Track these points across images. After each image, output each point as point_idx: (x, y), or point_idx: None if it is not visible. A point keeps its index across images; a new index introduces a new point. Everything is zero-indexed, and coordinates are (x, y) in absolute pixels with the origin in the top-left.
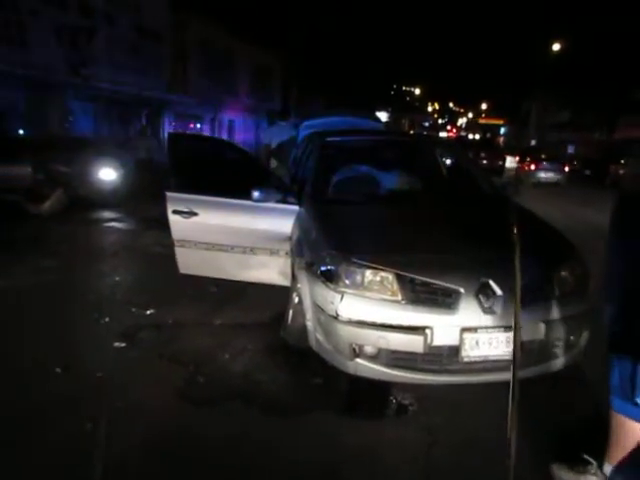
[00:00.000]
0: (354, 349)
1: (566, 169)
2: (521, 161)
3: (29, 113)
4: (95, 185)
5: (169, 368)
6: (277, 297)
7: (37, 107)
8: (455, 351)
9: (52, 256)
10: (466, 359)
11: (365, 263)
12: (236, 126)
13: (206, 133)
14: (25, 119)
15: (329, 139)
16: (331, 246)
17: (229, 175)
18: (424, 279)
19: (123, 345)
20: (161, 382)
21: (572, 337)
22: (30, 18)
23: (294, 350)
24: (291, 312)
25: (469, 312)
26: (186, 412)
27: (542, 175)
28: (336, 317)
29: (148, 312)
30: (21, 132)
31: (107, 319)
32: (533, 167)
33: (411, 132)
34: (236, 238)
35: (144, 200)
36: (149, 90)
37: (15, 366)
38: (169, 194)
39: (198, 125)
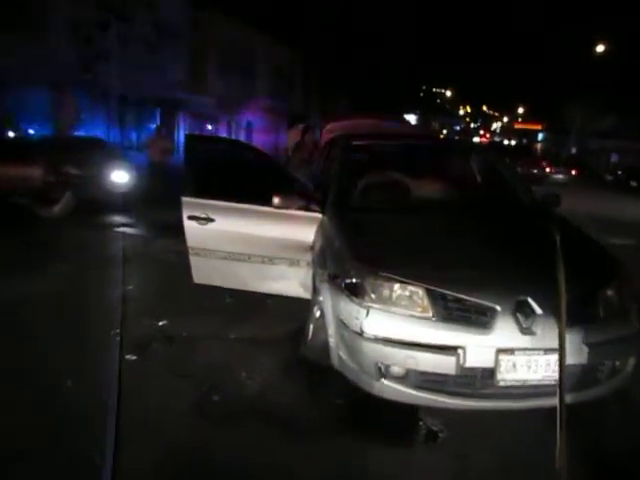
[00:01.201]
0: (380, 369)
1: (573, 172)
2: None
3: (39, 112)
4: (107, 188)
5: (182, 384)
6: (297, 311)
7: (47, 106)
8: (490, 374)
9: (62, 262)
10: (502, 383)
11: (393, 276)
12: (254, 128)
13: (223, 135)
14: (35, 119)
15: (355, 142)
16: (357, 257)
17: (249, 179)
18: (457, 295)
19: (134, 358)
20: (174, 398)
21: (617, 362)
22: (43, 13)
23: (315, 368)
24: (312, 327)
25: (506, 332)
26: (200, 431)
27: (555, 176)
28: (361, 334)
29: (160, 323)
30: (31, 132)
31: (118, 330)
32: (548, 170)
33: (441, 136)
34: (255, 247)
35: (158, 205)
36: (165, 89)
37: (25, 377)
38: (185, 199)
39: (212, 127)
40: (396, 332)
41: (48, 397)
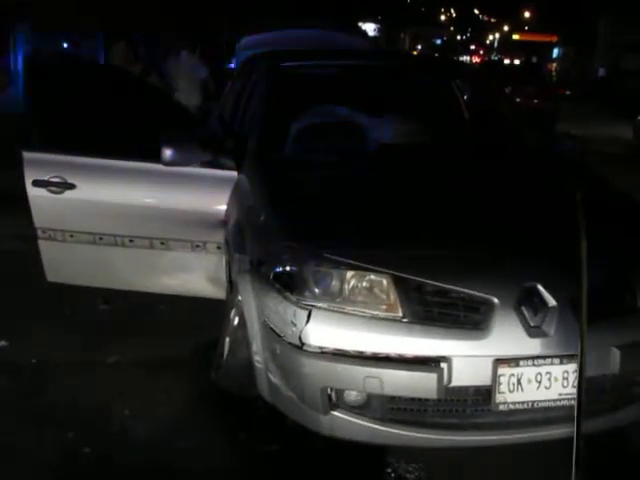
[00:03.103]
0: (329, 396)
1: None
2: None
3: None
4: None
5: (36, 432)
6: (204, 317)
7: None
8: (486, 395)
9: None
10: (502, 407)
11: (345, 260)
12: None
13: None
14: None
15: (285, 64)
16: (290, 234)
17: (125, 123)
18: (437, 284)
19: None
20: (24, 454)
21: None
22: None
23: (233, 401)
24: (228, 341)
25: (506, 334)
26: None
27: None
28: (300, 346)
29: None
30: None
31: None
32: None
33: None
34: (138, 224)
35: None
36: None
37: None
38: (27, 155)
39: (69, 45)
40: (351, 342)
41: None
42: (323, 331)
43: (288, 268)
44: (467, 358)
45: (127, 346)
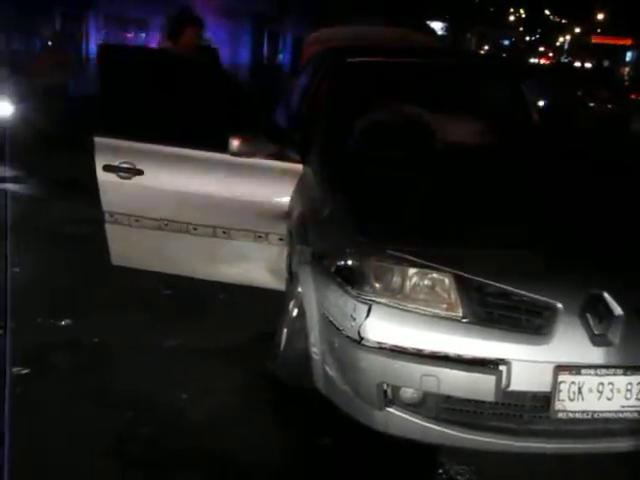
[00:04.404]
0: (385, 392)
1: None
2: None
3: None
4: None
5: (96, 411)
6: (264, 307)
7: None
8: (544, 402)
9: None
10: (561, 415)
11: (407, 257)
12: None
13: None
14: None
15: (353, 60)
16: (353, 229)
17: (195, 113)
18: (500, 286)
19: (25, 372)
20: (84, 432)
21: None
22: None
23: (289, 392)
24: (286, 332)
25: (569, 341)
26: None
27: None
28: (359, 341)
29: (62, 323)
30: None
31: (0, 331)
32: None
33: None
34: (203, 213)
35: (58, 149)
36: None
37: None
38: (99, 140)
39: (142, 35)
40: (410, 339)
41: None
42: (382, 327)
43: (350, 262)
44: (527, 363)
45: (186, 331)
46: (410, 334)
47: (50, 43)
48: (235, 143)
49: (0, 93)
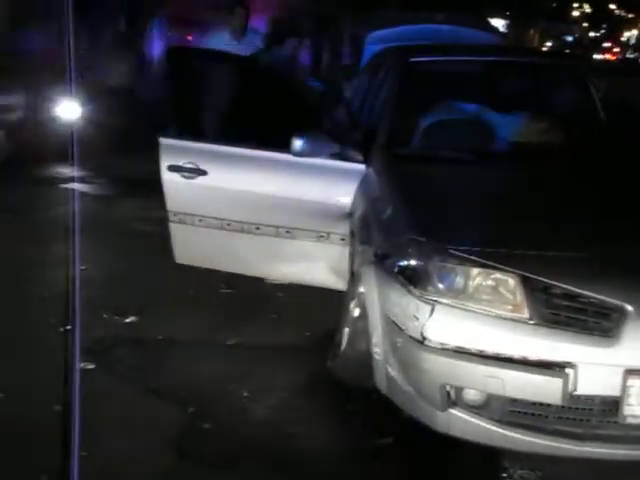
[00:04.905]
0: (448, 393)
1: None
2: None
3: None
4: (50, 126)
5: (158, 406)
6: (324, 307)
7: None
8: (613, 406)
9: None
10: (631, 420)
11: (470, 257)
12: (246, 40)
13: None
14: None
15: (416, 59)
16: (417, 229)
17: (258, 114)
18: (567, 287)
19: (91, 367)
20: (147, 426)
21: None
22: None
23: (349, 391)
24: (347, 332)
25: (639, 344)
26: (182, 475)
27: None
28: (422, 341)
29: (127, 320)
30: None
31: (68, 326)
32: None
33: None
34: (265, 212)
35: (123, 150)
36: None
37: None
38: (164, 141)
39: (193, 36)
40: (474, 340)
41: None
42: (445, 327)
43: (413, 262)
44: (595, 366)
45: (247, 330)
46: (474, 335)
47: (119, 45)
48: (298, 143)
49: (68, 95)
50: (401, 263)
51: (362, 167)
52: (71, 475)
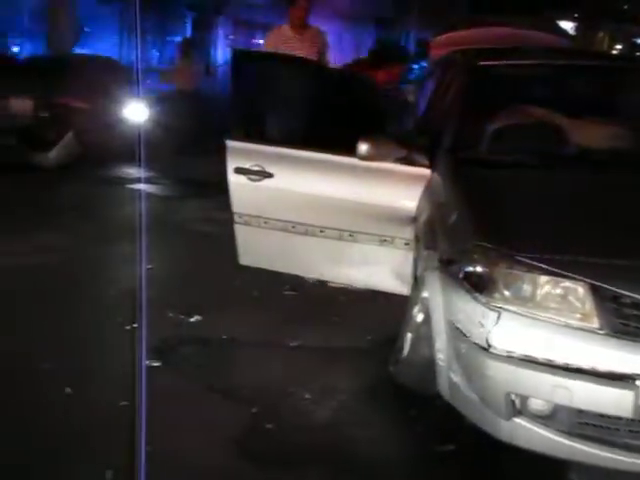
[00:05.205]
0: (513, 402)
1: None
2: None
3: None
4: (118, 128)
5: (222, 405)
6: (386, 311)
7: (41, 17)
8: None
9: (58, 228)
10: None
11: (538, 264)
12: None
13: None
14: (22, 32)
15: (483, 62)
16: (483, 235)
17: (323, 117)
18: (637, 297)
19: (157, 364)
20: (210, 425)
21: None
22: None
23: (411, 396)
24: (409, 337)
25: None
26: (244, 474)
27: None
28: (487, 348)
29: (192, 319)
30: (16, 50)
31: (134, 324)
32: None
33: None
34: (329, 216)
35: (190, 152)
36: None
37: (10, 384)
38: (231, 143)
39: (257, 38)
40: (541, 349)
41: (40, 409)
42: (511, 335)
43: (479, 268)
44: None
45: (309, 332)
46: (541, 343)
47: (184, 50)
48: (363, 147)
49: (136, 97)
50: (467, 269)
51: (427, 171)
52: (138, 470)
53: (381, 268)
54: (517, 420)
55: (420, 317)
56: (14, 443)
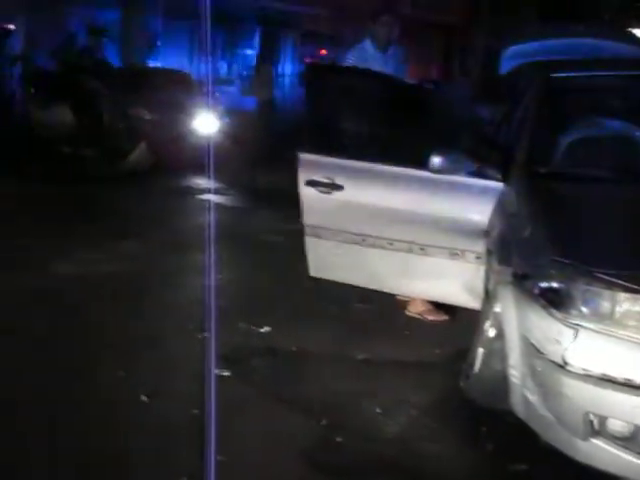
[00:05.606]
0: (591, 422)
1: None
2: None
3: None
4: (188, 139)
5: (291, 416)
6: (457, 325)
7: (114, 28)
8: None
9: (130, 237)
10: None
11: (617, 281)
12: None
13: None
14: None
15: (557, 74)
16: (560, 250)
17: (396, 130)
18: None
19: (227, 374)
20: (280, 436)
21: None
22: None
23: (482, 412)
24: (481, 352)
25: None
26: None
27: None
28: (564, 366)
29: (262, 330)
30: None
31: (205, 334)
32: None
33: None
34: (400, 228)
35: (260, 163)
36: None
37: (88, 390)
38: (303, 156)
39: (326, 50)
40: (621, 368)
41: (117, 415)
42: (589, 353)
43: (555, 284)
44: None
45: (377, 345)
46: (620, 362)
47: (259, 62)
48: (436, 160)
49: (206, 110)
50: (542, 285)
51: (500, 185)
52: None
53: (451, 282)
54: (595, 441)
55: (492, 332)
56: (92, 445)
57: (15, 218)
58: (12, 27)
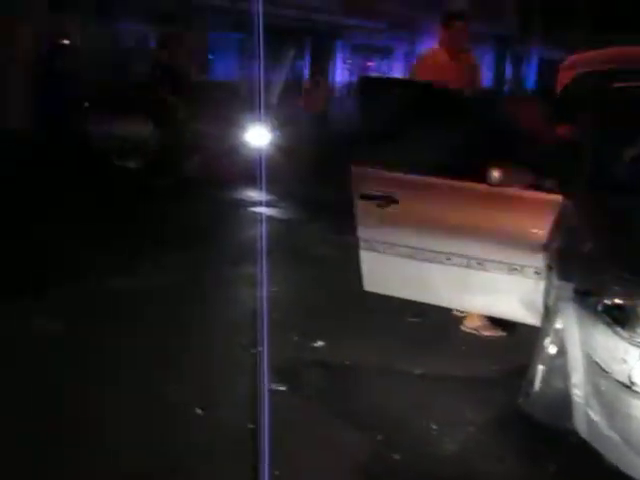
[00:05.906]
0: None
1: None
2: None
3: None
4: (240, 152)
5: (346, 431)
6: (514, 341)
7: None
8: None
9: (182, 249)
10: None
11: None
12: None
13: (398, 74)
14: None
15: (620, 84)
16: (625, 266)
17: (452, 143)
18: None
19: (282, 389)
20: (335, 451)
21: None
22: None
23: (542, 430)
24: (541, 370)
25: None
26: None
27: None
28: (630, 386)
29: (316, 344)
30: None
31: (259, 348)
32: None
33: None
34: (457, 243)
35: (312, 176)
36: (318, 12)
37: (139, 401)
38: (357, 169)
39: (373, 62)
40: None
41: (171, 427)
42: None
43: (620, 301)
44: None
45: (433, 360)
46: None
47: (313, 74)
48: (495, 173)
49: (258, 122)
50: (606, 302)
51: (559, 198)
52: None
53: (509, 297)
54: None
55: (553, 349)
56: (149, 457)
57: (69, 229)
58: (66, 42)
